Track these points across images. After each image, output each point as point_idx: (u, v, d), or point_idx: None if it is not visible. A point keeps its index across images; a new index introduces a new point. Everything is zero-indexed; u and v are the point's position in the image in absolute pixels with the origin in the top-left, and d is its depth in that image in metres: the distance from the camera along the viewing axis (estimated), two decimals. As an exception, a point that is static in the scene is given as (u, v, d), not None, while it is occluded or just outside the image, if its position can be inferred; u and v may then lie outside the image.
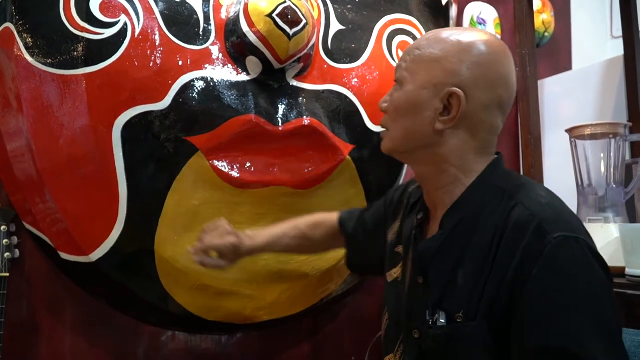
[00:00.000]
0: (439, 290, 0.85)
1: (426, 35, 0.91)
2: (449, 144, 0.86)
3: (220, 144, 1.22)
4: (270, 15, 1.18)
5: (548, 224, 0.77)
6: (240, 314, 1.39)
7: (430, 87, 0.85)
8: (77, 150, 1.17)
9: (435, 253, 0.86)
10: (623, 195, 1.37)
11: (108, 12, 1.16)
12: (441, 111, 0.85)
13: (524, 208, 0.80)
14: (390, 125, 0.92)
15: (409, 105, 0.87)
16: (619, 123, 1.40)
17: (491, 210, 0.84)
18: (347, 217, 1.19)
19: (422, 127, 0.87)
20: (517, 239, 0.78)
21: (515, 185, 0.86)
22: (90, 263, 1.23)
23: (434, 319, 0.83)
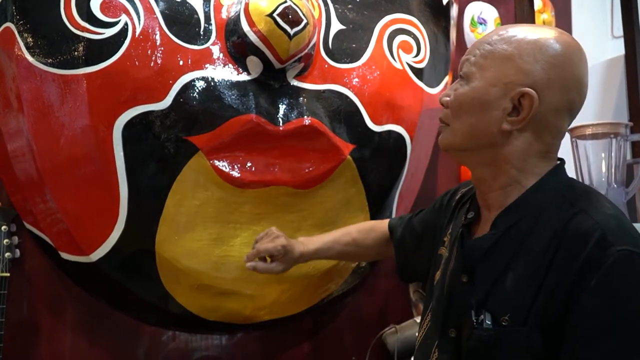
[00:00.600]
0: (485, 290, 0.82)
1: (498, 30, 0.87)
2: (513, 145, 0.83)
3: (220, 143, 1.22)
4: (271, 15, 1.18)
5: (612, 236, 0.74)
6: (241, 314, 1.39)
7: (500, 85, 0.82)
8: (78, 150, 1.17)
9: (485, 252, 0.84)
10: (624, 195, 1.37)
11: (109, 12, 1.16)
12: (509, 111, 0.82)
13: (587, 216, 0.77)
14: (452, 122, 0.88)
15: (476, 102, 0.84)
16: (620, 123, 1.40)
17: (550, 215, 0.80)
18: (397, 223, 1.17)
19: (488, 126, 0.83)
20: (578, 248, 0.75)
21: (578, 192, 0.83)
22: (90, 263, 1.23)
23: (479, 319, 0.81)
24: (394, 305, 1.70)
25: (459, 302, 0.86)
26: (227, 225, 1.28)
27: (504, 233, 0.83)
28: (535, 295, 0.76)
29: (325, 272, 1.43)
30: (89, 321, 1.36)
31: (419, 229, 1.12)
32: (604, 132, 1.38)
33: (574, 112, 0.86)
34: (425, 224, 1.10)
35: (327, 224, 1.40)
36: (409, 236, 1.13)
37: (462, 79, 0.87)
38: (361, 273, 1.56)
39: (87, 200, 1.20)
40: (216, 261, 1.28)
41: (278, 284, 1.37)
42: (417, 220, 1.13)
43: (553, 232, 0.78)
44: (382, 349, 1.60)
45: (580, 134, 1.41)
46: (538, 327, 0.76)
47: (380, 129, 1.40)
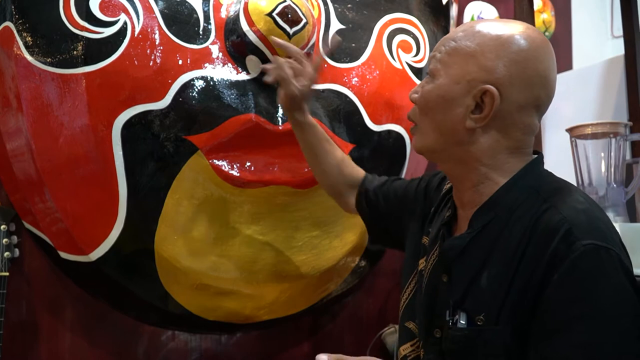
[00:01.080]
0: (462, 290, 0.82)
1: (464, 26, 0.86)
2: (480, 142, 0.82)
3: (220, 143, 1.22)
4: (270, 14, 1.18)
5: (579, 230, 0.73)
6: (240, 314, 1.39)
7: (463, 83, 0.81)
8: (77, 150, 1.17)
9: (461, 252, 0.83)
10: (623, 195, 1.37)
11: (108, 11, 1.16)
12: (472, 109, 0.81)
13: (556, 211, 0.76)
14: (419, 120, 0.88)
15: (440, 99, 0.83)
16: (619, 122, 1.40)
17: (523, 212, 0.80)
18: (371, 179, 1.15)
19: (453, 124, 0.83)
20: (545, 243, 0.74)
21: (552, 187, 0.82)
22: (89, 262, 1.23)
23: (454, 319, 0.81)
24: (393, 305, 1.70)
25: (441, 302, 0.86)
26: (227, 225, 1.28)
27: (479, 232, 0.83)
28: (507, 293, 0.76)
29: (324, 272, 1.43)
30: (88, 321, 1.36)
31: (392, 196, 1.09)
32: (603, 132, 1.38)
33: (542, 108, 0.84)
34: (402, 194, 1.08)
35: (327, 224, 1.40)
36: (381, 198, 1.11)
37: (429, 76, 0.86)
38: (360, 273, 1.56)
39: (86, 199, 1.20)
40: (215, 261, 1.28)
41: (277, 283, 1.37)
42: (394, 187, 1.10)
43: (524, 229, 0.78)
44: (382, 348, 1.60)
45: (580, 134, 1.41)
46: (510, 325, 0.75)
47: (380, 128, 1.40)
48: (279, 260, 1.34)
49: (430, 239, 0.94)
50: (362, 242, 1.50)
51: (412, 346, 0.93)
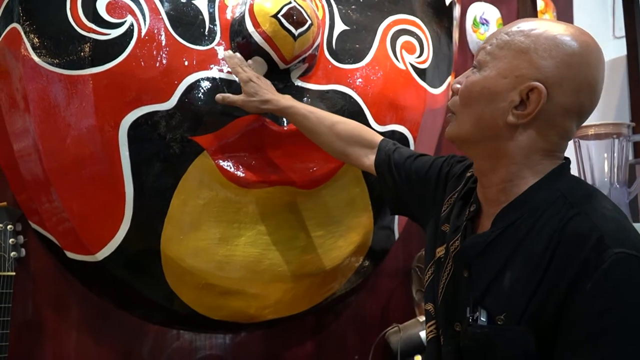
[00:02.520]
0: (482, 288, 0.81)
1: (518, 22, 0.84)
2: (517, 140, 0.81)
3: (225, 143, 1.23)
4: (276, 16, 1.18)
5: (610, 238, 0.72)
6: (245, 313, 1.40)
7: (511, 77, 0.80)
8: (84, 150, 1.18)
9: (482, 250, 0.83)
10: (626, 195, 1.37)
11: (114, 13, 1.17)
12: (517, 104, 0.80)
13: (586, 218, 0.76)
14: (459, 110, 0.86)
15: (485, 91, 0.82)
16: (622, 123, 1.40)
17: (549, 216, 0.79)
18: (389, 147, 1.14)
19: (494, 118, 0.82)
20: (575, 250, 0.74)
21: (580, 194, 0.81)
22: (96, 262, 1.24)
23: (474, 316, 0.80)
24: (396, 305, 1.71)
25: (462, 297, 0.86)
26: (232, 225, 1.29)
27: (503, 231, 0.82)
28: (532, 295, 0.76)
29: (328, 272, 1.44)
30: (94, 320, 1.37)
31: (414, 175, 1.08)
32: (606, 133, 1.38)
33: (583, 116, 0.84)
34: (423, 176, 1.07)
35: (331, 224, 1.41)
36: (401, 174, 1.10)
37: (474, 67, 0.85)
38: (364, 273, 1.57)
39: (92, 199, 1.20)
40: (221, 260, 1.29)
41: (282, 283, 1.38)
42: (416, 166, 1.09)
43: (552, 233, 0.77)
44: (385, 348, 1.60)
45: (583, 134, 1.42)
46: (532, 327, 0.75)
47: (384, 129, 1.41)
48: (283, 260, 1.35)
49: (451, 229, 0.93)
50: (366, 242, 1.50)
51: (431, 327, 0.94)
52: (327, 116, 1.21)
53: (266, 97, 1.18)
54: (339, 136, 1.18)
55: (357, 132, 1.19)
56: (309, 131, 1.20)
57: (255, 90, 1.17)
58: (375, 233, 1.51)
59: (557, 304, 0.74)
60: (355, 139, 1.18)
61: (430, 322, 0.95)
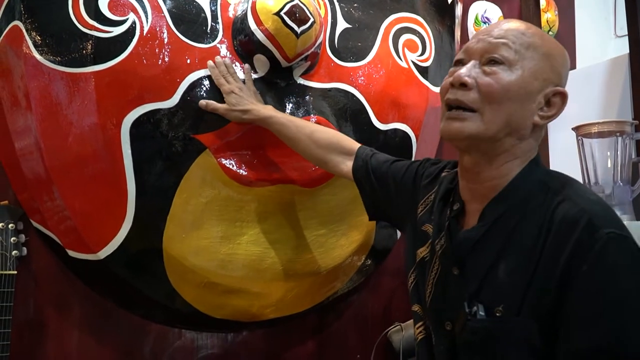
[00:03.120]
0: (477, 282, 0.82)
1: (522, 24, 0.88)
2: (530, 139, 0.86)
3: (228, 142, 1.23)
4: (278, 14, 1.18)
5: (599, 220, 0.76)
6: (247, 312, 1.40)
7: (540, 80, 0.83)
8: (86, 148, 1.17)
9: (475, 244, 0.84)
10: (630, 193, 1.37)
11: (116, 11, 1.16)
12: (542, 106, 0.84)
13: (573, 203, 0.78)
14: (485, 107, 0.83)
15: (521, 91, 0.83)
16: (625, 121, 1.41)
17: (536, 204, 0.82)
18: (366, 154, 1.15)
19: (524, 117, 0.84)
20: (566, 234, 0.76)
21: (560, 182, 0.84)
22: (98, 261, 1.23)
23: (472, 310, 0.81)
24: (398, 304, 1.71)
25: (452, 295, 0.86)
26: (234, 223, 1.29)
27: (493, 224, 0.84)
28: (528, 284, 0.77)
29: (330, 271, 1.44)
30: (96, 319, 1.36)
31: (391, 180, 1.09)
32: (609, 131, 1.38)
33: None
34: (400, 180, 1.08)
35: (333, 222, 1.40)
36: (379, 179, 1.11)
37: (498, 64, 0.83)
38: (366, 271, 1.57)
39: (94, 198, 1.20)
40: (223, 259, 1.28)
41: (284, 282, 1.38)
42: (392, 170, 1.10)
43: (541, 221, 0.79)
44: (387, 347, 1.60)
45: (586, 133, 1.42)
46: (532, 316, 0.77)
47: (386, 127, 1.41)
48: (286, 258, 1.35)
49: (435, 229, 0.94)
50: (368, 241, 1.50)
51: (419, 327, 0.96)
52: (306, 125, 1.22)
53: (247, 107, 1.19)
54: (318, 144, 1.20)
55: (336, 140, 1.21)
56: (289, 139, 1.22)
57: (237, 101, 1.19)
58: (377, 232, 1.51)
59: (554, 290, 0.75)
60: (334, 147, 1.20)
61: (418, 324, 0.96)
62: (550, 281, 0.76)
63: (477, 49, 0.85)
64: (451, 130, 0.85)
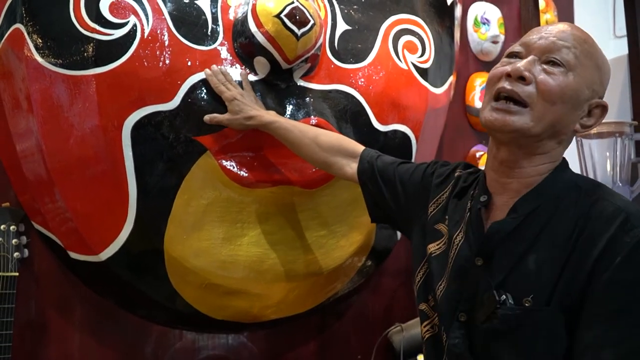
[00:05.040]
0: (504, 273, 0.84)
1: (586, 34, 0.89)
2: (566, 144, 0.89)
3: (228, 143, 1.23)
4: (279, 16, 1.18)
5: (636, 219, 0.78)
6: (248, 313, 1.40)
7: (590, 89, 0.86)
8: (87, 150, 1.18)
9: (506, 236, 0.85)
10: (629, 194, 1.38)
11: (117, 13, 1.17)
12: (584, 115, 0.87)
13: (609, 202, 0.81)
14: (539, 105, 0.84)
15: (575, 96, 0.85)
16: (624, 122, 1.41)
17: (570, 202, 0.84)
18: (371, 156, 1.16)
19: (569, 122, 0.86)
20: (601, 230, 0.78)
21: (591, 183, 0.88)
22: (99, 262, 1.24)
23: (501, 299, 0.82)
24: (399, 304, 1.71)
25: (472, 286, 0.87)
26: (235, 225, 1.29)
27: (526, 217, 0.85)
28: (559, 276, 0.79)
29: (331, 271, 1.44)
30: (97, 320, 1.37)
31: (398, 181, 1.10)
32: (609, 131, 1.39)
33: None
34: (407, 181, 1.08)
35: (334, 223, 1.41)
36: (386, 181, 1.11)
37: (558, 65, 0.85)
38: (367, 272, 1.57)
39: (96, 199, 1.20)
40: (224, 260, 1.29)
41: (285, 282, 1.38)
42: (400, 172, 1.11)
43: (577, 217, 0.81)
44: (388, 347, 1.61)
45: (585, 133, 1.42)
46: (561, 307, 0.78)
47: (386, 128, 1.41)
48: (286, 259, 1.35)
49: (451, 224, 0.95)
50: (368, 242, 1.50)
51: (427, 326, 0.96)
52: (309, 129, 1.23)
53: (250, 113, 1.19)
54: (322, 147, 1.20)
55: (339, 143, 1.21)
56: (292, 144, 1.22)
57: (239, 108, 1.19)
58: (377, 233, 1.51)
59: (584, 282, 0.77)
60: (337, 149, 1.20)
61: (425, 322, 0.97)
62: (581, 274, 0.77)
63: (539, 46, 0.86)
64: (497, 121, 0.85)
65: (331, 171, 1.23)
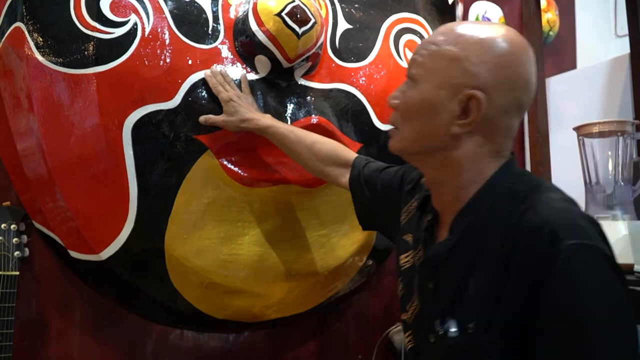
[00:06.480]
0: (449, 297, 0.80)
1: (442, 30, 0.84)
2: (464, 148, 0.81)
3: (229, 142, 1.23)
4: (279, 14, 1.18)
5: (562, 231, 0.71)
6: (249, 312, 1.40)
7: (448, 88, 0.79)
8: (88, 149, 1.18)
9: (445, 259, 0.82)
10: (631, 193, 1.37)
11: (118, 12, 1.17)
12: (458, 114, 0.79)
13: (536, 213, 0.74)
14: (401, 125, 0.85)
15: (424, 105, 0.81)
16: (626, 121, 1.41)
17: (501, 214, 0.78)
18: (362, 164, 1.15)
19: (437, 130, 0.81)
20: (530, 246, 0.73)
21: (527, 187, 0.80)
22: (100, 261, 1.24)
23: (444, 327, 0.79)
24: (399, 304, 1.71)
25: (430, 310, 0.85)
26: (236, 224, 1.29)
27: (460, 238, 0.81)
28: (497, 300, 0.74)
29: (332, 271, 1.44)
30: (98, 320, 1.37)
31: (379, 187, 1.09)
32: (610, 130, 1.38)
33: (523, 110, 0.83)
34: (387, 187, 1.07)
35: (335, 222, 1.40)
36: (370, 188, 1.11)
37: (410, 80, 0.84)
38: (367, 272, 1.57)
39: (96, 198, 1.20)
40: (224, 259, 1.28)
41: (286, 282, 1.38)
42: (382, 177, 1.09)
43: (506, 233, 0.76)
44: (389, 347, 1.60)
45: (587, 132, 1.42)
46: (503, 331, 0.74)
47: (387, 127, 1.40)
48: (287, 259, 1.34)
49: (414, 240, 0.93)
50: (369, 241, 1.50)
51: (408, 337, 0.93)
52: (306, 135, 1.21)
53: (246, 116, 1.18)
54: (317, 156, 1.19)
55: (334, 152, 1.20)
56: (289, 150, 1.21)
57: (235, 110, 1.18)
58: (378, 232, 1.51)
59: (523, 305, 0.72)
60: (332, 159, 1.19)
61: (406, 333, 0.94)
62: (518, 296, 0.72)
63: None
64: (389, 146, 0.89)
65: (327, 180, 1.23)
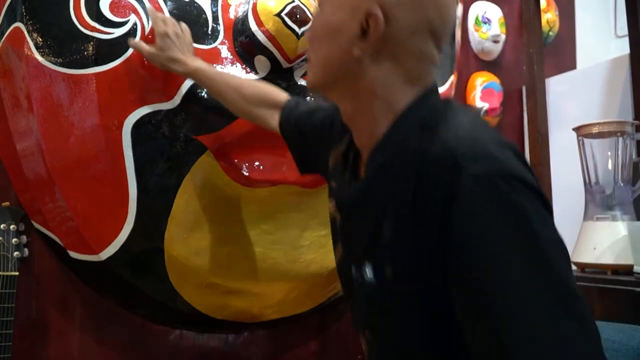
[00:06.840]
0: (365, 243, 0.75)
1: None
2: (371, 73, 0.74)
3: (229, 143, 1.23)
4: (279, 15, 1.18)
5: (464, 159, 0.64)
6: (248, 312, 1.40)
7: (347, 9, 0.74)
8: (87, 150, 1.18)
9: (357, 203, 0.77)
10: (630, 194, 1.37)
11: (118, 12, 1.17)
12: (358, 35, 0.73)
13: (440, 141, 0.68)
14: (310, 55, 0.81)
15: (325, 29, 0.77)
16: (626, 121, 1.40)
17: (413, 148, 0.71)
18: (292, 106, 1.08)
19: (340, 54, 0.76)
20: (434, 181, 0.66)
21: (436, 115, 0.73)
22: (99, 262, 1.24)
23: (360, 273, 0.75)
24: (399, 304, 1.71)
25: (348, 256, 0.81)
26: (235, 224, 1.29)
27: (374, 177, 0.75)
28: (411, 243, 0.69)
29: (332, 271, 1.43)
30: (97, 320, 1.37)
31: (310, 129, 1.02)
32: (610, 131, 1.38)
33: (439, 34, 0.75)
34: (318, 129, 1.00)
35: (335, 223, 1.40)
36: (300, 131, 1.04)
37: (317, 9, 0.81)
38: (367, 272, 1.57)
39: (96, 199, 1.20)
40: (224, 259, 1.29)
41: (285, 282, 1.38)
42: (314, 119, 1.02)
43: (414, 168, 0.69)
44: (389, 347, 1.60)
45: (587, 133, 1.42)
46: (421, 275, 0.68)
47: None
48: (287, 259, 1.35)
49: (337, 183, 0.87)
50: (369, 241, 1.50)
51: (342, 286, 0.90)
52: (234, 79, 1.17)
53: (176, 55, 1.13)
54: (246, 98, 1.14)
55: (263, 93, 1.14)
56: (216, 93, 1.16)
57: (168, 47, 1.13)
58: (378, 232, 1.51)
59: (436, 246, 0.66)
60: (261, 100, 1.13)
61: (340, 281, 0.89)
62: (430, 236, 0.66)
63: None
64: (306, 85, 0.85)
65: (258, 123, 1.16)
